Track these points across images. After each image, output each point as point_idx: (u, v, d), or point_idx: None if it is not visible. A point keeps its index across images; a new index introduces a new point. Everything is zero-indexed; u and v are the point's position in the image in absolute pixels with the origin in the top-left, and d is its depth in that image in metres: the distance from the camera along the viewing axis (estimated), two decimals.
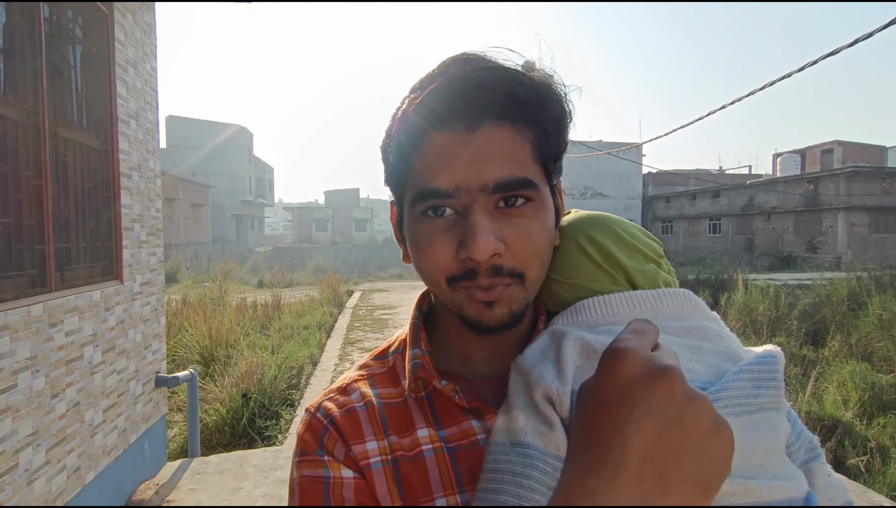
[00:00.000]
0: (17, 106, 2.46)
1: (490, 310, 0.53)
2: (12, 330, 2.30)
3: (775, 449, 0.47)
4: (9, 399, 2.27)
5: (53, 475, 2.58)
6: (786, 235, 27.03)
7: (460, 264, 0.52)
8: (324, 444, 0.56)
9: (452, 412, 0.57)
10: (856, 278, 9.52)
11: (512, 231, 0.52)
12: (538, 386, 0.49)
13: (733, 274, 11.58)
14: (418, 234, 0.54)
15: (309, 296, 12.67)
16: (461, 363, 0.61)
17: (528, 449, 0.47)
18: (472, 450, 0.54)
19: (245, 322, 8.42)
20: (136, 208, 3.67)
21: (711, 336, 0.52)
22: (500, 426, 0.51)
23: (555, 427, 0.47)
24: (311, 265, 22.79)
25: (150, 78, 3.96)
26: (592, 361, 0.49)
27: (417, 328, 0.63)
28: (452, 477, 0.54)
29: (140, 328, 3.68)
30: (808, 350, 7.13)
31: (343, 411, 0.59)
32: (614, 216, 0.62)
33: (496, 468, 0.48)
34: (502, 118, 0.51)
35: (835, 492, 0.53)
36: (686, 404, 0.34)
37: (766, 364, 0.49)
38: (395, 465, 0.55)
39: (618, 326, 0.52)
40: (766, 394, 0.48)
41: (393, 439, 0.56)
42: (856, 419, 5.00)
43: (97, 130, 3.24)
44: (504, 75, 0.52)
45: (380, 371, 0.64)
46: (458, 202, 0.52)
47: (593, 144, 30.18)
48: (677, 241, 34.15)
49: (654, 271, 0.58)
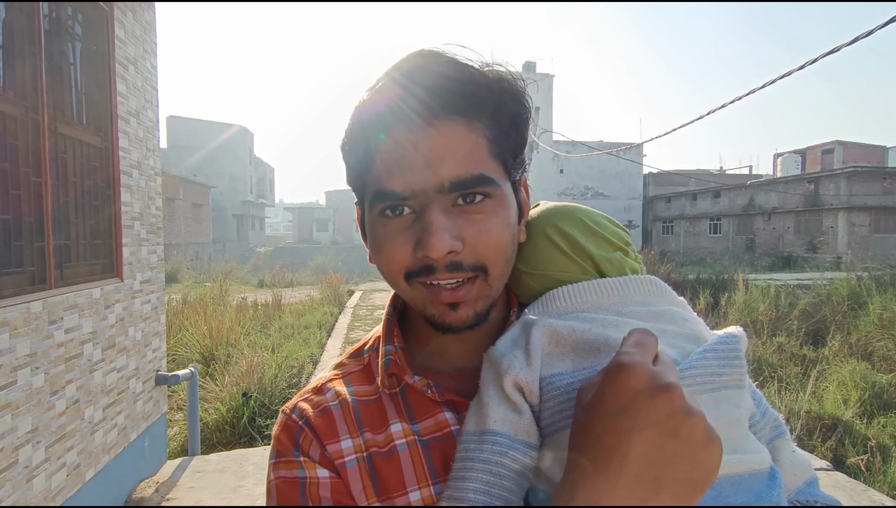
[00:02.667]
0: (16, 102, 2.47)
1: (454, 312, 0.53)
2: (12, 327, 2.30)
3: (737, 425, 0.48)
4: (8, 396, 2.27)
5: (53, 472, 2.58)
6: (786, 235, 27.01)
7: (417, 262, 0.52)
8: (299, 445, 0.57)
9: (426, 406, 0.58)
10: (856, 278, 9.51)
11: (471, 228, 0.52)
12: (507, 375, 0.50)
13: (734, 274, 11.58)
14: (377, 234, 0.55)
15: (309, 296, 12.67)
16: (437, 357, 0.62)
17: (497, 437, 0.48)
18: (446, 441, 0.55)
19: (245, 322, 8.42)
20: (136, 205, 3.67)
21: (677, 320, 0.54)
22: (471, 417, 0.52)
23: (524, 415, 0.49)
24: (312, 265, 22.79)
25: (150, 76, 3.96)
26: (561, 346, 0.51)
27: (391, 324, 0.64)
28: (426, 469, 0.54)
29: (140, 326, 3.68)
30: (808, 350, 7.13)
31: (318, 410, 0.59)
32: (582, 207, 0.63)
33: (466, 457, 0.49)
34: (456, 115, 0.51)
35: (799, 467, 0.56)
36: (683, 417, 0.37)
37: (728, 344, 0.51)
38: (370, 461, 0.55)
39: (587, 313, 0.54)
40: (729, 372, 0.49)
41: (367, 436, 0.57)
42: (856, 418, 5.00)
43: (97, 128, 3.24)
44: (457, 72, 0.52)
45: (355, 369, 0.64)
46: (416, 203, 0.52)
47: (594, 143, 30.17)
48: (678, 241, 34.13)
49: (621, 259, 0.59)
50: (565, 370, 0.49)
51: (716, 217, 31.56)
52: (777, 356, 6.80)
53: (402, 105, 0.52)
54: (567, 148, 31.41)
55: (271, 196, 51.24)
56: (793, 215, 26.67)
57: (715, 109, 6.08)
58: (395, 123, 0.52)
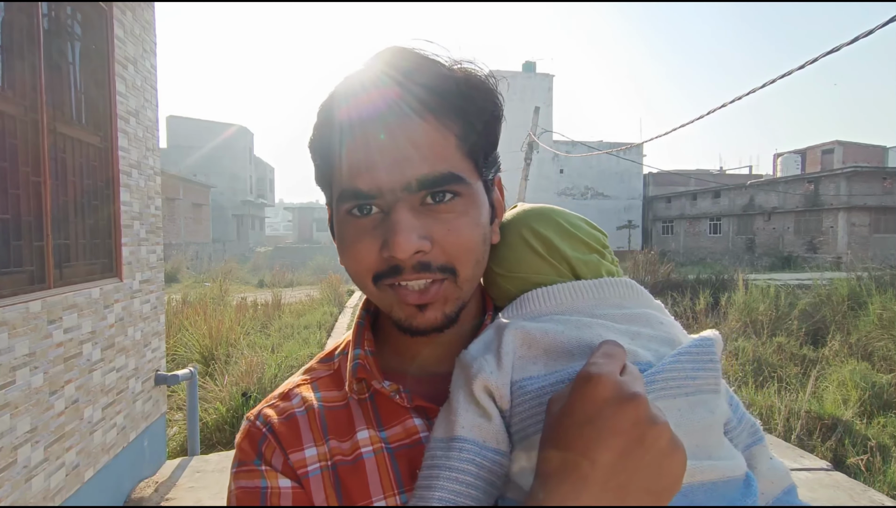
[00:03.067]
0: (15, 102, 2.46)
1: (422, 314, 0.52)
2: (11, 326, 2.29)
3: (711, 430, 0.48)
4: (7, 396, 2.27)
5: (52, 472, 2.58)
6: (786, 235, 27.02)
7: (384, 262, 0.51)
8: (262, 453, 0.56)
9: (395, 412, 0.56)
10: (856, 278, 9.52)
11: (439, 228, 0.51)
12: (477, 379, 0.49)
13: (734, 274, 11.59)
14: (344, 234, 0.54)
15: (309, 296, 12.67)
16: (409, 362, 0.60)
17: (465, 444, 0.47)
18: (414, 449, 0.54)
19: (245, 322, 8.42)
20: (135, 205, 3.66)
21: (653, 323, 0.53)
22: (440, 422, 0.50)
23: (493, 420, 0.48)
24: (312, 265, 22.79)
25: (149, 75, 3.96)
26: (533, 349, 0.50)
27: (362, 327, 0.62)
28: (392, 478, 0.53)
29: (140, 326, 3.68)
30: (808, 350, 7.13)
31: (283, 417, 0.58)
32: (558, 208, 0.62)
33: (433, 464, 0.47)
34: (424, 112, 0.50)
35: (777, 475, 0.55)
36: (648, 427, 0.38)
37: (703, 347, 0.50)
38: (334, 471, 0.54)
39: (561, 315, 0.53)
40: (704, 376, 0.49)
41: (333, 443, 0.56)
42: (856, 418, 5.00)
43: (96, 127, 3.24)
44: (425, 68, 0.51)
45: (324, 374, 0.63)
46: (383, 201, 0.51)
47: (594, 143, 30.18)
48: (678, 241, 34.14)
49: (597, 262, 0.58)
50: (537, 374, 0.48)
51: (716, 217, 31.56)
52: (777, 356, 6.80)
53: (369, 102, 0.51)
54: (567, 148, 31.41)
55: (271, 196, 51.24)
56: (793, 215, 26.68)
57: (715, 109, 6.08)
58: (362, 121, 0.51)
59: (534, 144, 13.95)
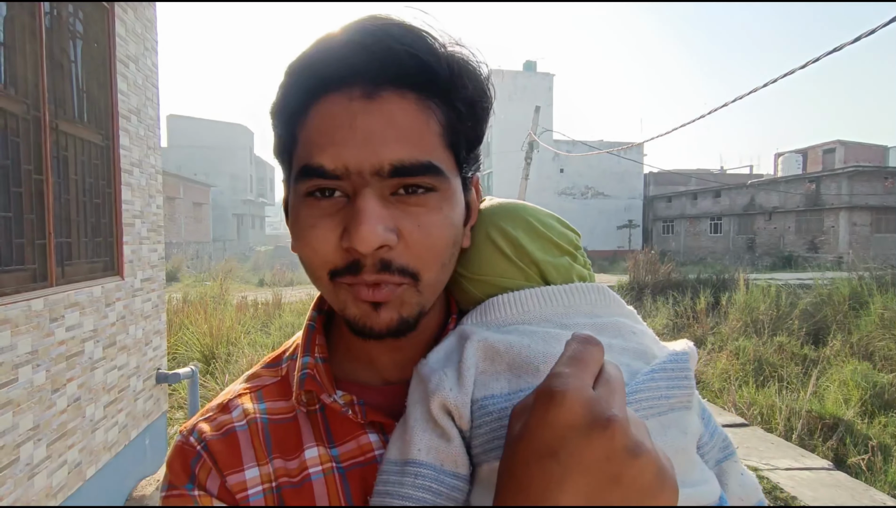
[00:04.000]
0: (17, 100, 2.46)
1: (376, 313, 0.46)
2: (13, 324, 2.30)
3: (684, 452, 0.44)
4: (10, 394, 2.27)
5: (54, 469, 2.58)
6: (787, 234, 27.00)
7: (343, 254, 0.45)
8: (195, 475, 0.49)
9: (348, 427, 0.51)
10: (857, 278, 9.51)
11: (408, 222, 0.45)
12: (435, 396, 0.45)
13: (735, 274, 11.58)
14: (300, 217, 0.47)
15: (310, 295, 12.67)
16: (366, 369, 0.54)
17: (421, 468, 0.43)
18: (368, 468, 0.49)
19: (246, 321, 8.43)
20: (137, 204, 3.67)
21: (625, 333, 0.50)
22: (394, 442, 0.46)
23: (452, 441, 0.44)
24: None
25: (151, 74, 3.96)
26: (496, 364, 0.46)
27: (313, 331, 0.55)
28: (342, 501, 0.48)
29: (141, 325, 3.68)
30: (809, 349, 7.13)
31: (220, 433, 0.51)
32: (529, 205, 0.58)
33: (386, 490, 0.44)
34: (407, 87, 0.44)
35: (747, 491, 0.52)
36: (627, 460, 0.31)
37: (678, 362, 0.47)
38: (279, 494, 0.49)
39: (528, 325, 0.49)
40: (677, 394, 0.45)
41: (277, 463, 0.50)
42: (857, 417, 5.00)
43: (98, 126, 3.24)
44: (413, 40, 0.44)
45: (270, 382, 0.56)
46: (348, 184, 0.44)
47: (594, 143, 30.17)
48: (678, 240, 34.12)
49: (568, 265, 0.54)
50: (500, 392, 0.44)
51: (716, 217, 31.54)
52: (778, 356, 6.80)
53: (345, 69, 0.43)
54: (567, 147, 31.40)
55: (272, 195, 51.27)
56: (794, 214, 26.66)
57: (716, 109, 6.08)
58: (334, 89, 0.44)
59: (534, 144, 13.94)
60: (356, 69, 0.43)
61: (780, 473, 3.80)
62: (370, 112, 0.43)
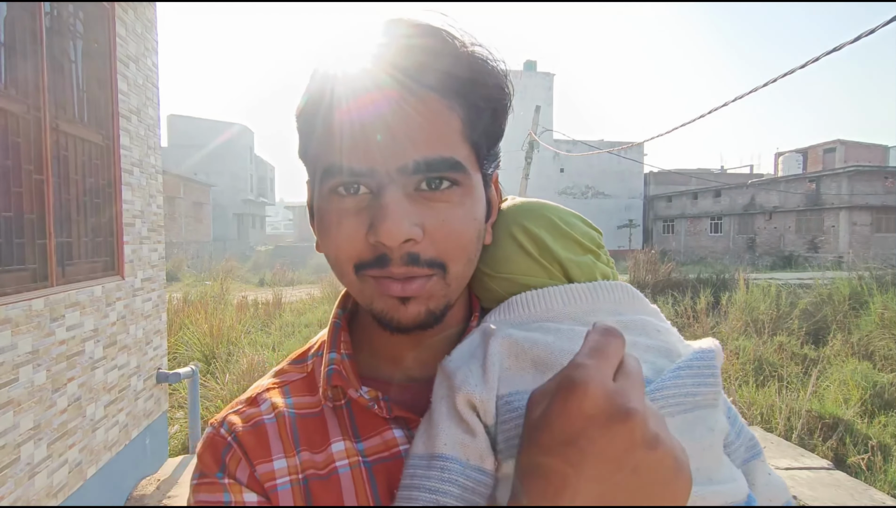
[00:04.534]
0: (18, 100, 2.47)
1: (404, 307, 0.47)
2: (14, 324, 2.30)
3: (711, 450, 0.44)
4: (10, 393, 2.28)
5: (55, 469, 2.59)
6: (787, 234, 26.99)
7: (370, 248, 0.46)
8: (225, 465, 0.50)
9: (374, 422, 0.52)
10: (857, 278, 9.51)
11: (432, 217, 0.46)
12: (461, 392, 0.45)
13: (735, 273, 11.58)
14: (326, 214, 0.48)
15: (310, 294, 12.68)
16: (390, 366, 0.56)
17: (447, 462, 0.43)
18: (393, 463, 0.50)
19: (246, 320, 8.44)
20: (137, 204, 3.67)
21: (649, 331, 0.50)
22: (420, 437, 0.47)
23: (478, 437, 0.44)
24: (313, 264, 22.78)
25: (151, 74, 3.97)
26: (521, 361, 0.46)
27: (338, 328, 0.57)
28: (369, 495, 0.49)
29: (141, 324, 3.68)
30: (809, 349, 7.13)
31: (249, 425, 0.53)
32: (551, 204, 0.58)
33: (412, 484, 0.44)
34: (430, 88, 0.46)
35: (774, 491, 0.52)
36: (645, 452, 0.32)
37: (704, 360, 0.47)
38: (306, 485, 0.50)
39: (552, 322, 0.49)
40: (704, 391, 0.45)
41: (304, 455, 0.51)
42: (857, 417, 5.00)
43: (98, 126, 3.24)
44: (436, 42, 0.46)
45: (296, 378, 0.58)
46: (374, 181, 0.46)
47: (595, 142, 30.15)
48: (679, 240, 34.12)
49: (592, 263, 0.54)
50: (524, 389, 0.44)
51: (717, 216, 31.54)
52: (778, 356, 6.80)
53: (370, 70, 0.45)
54: (568, 147, 31.41)
55: (272, 195, 51.27)
56: (794, 214, 26.65)
57: (716, 108, 6.07)
58: (360, 90, 0.45)
59: (534, 143, 13.93)
60: (380, 70, 0.45)
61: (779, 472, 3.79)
62: (395, 112, 0.45)
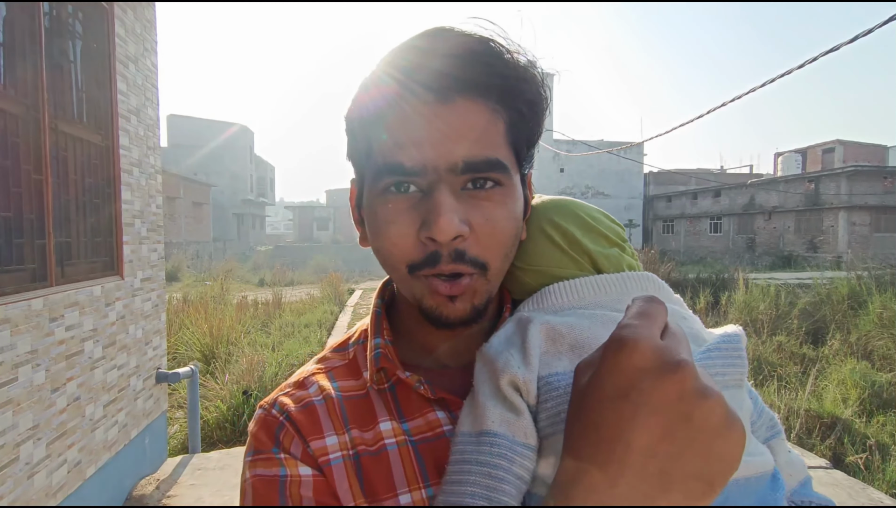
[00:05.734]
0: (17, 100, 2.47)
1: (452, 304, 0.50)
2: (13, 324, 2.30)
3: None
4: (9, 393, 2.28)
5: (54, 469, 2.59)
6: (787, 234, 27.00)
7: (421, 247, 0.49)
8: (279, 441, 0.53)
9: (417, 404, 0.55)
10: (856, 277, 9.51)
11: (478, 215, 0.49)
12: (504, 374, 0.48)
13: (734, 273, 11.58)
14: (378, 212, 0.51)
15: (310, 295, 12.68)
16: (425, 354, 0.59)
17: (495, 438, 0.46)
18: (438, 442, 0.52)
19: (246, 320, 8.44)
20: (136, 204, 3.67)
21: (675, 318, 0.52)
22: (466, 417, 0.49)
23: (522, 415, 0.47)
24: (313, 264, 22.79)
25: (150, 74, 3.97)
26: (558, 345, 0.49)
27: (380, 317, 0.60)
28: (417, 471, 0.51)
29: (141, 324, 3.69)
30: (808, 349, 7.13)
31: (300, 406, 0.55)
32: (578, 201, 0.61)
33: (463, 458, 0.46)
34: (477, 94, 0.49)
35: (794, 468, 0.56)
36: (697, 401, 0.32)
37: (731, 343, 0.50)
38: (357, 460, 0.52)
39: (584, 309, 0.52)
40: (731, 372, 0.48)
41: (354, 433, 0.53)
42: (855, 416, 5.00)
43: (98, 126, 3.24)
44: (484, 48, 0.49)
45: (339, 364, 0.61)
46: (424, 180, 0.49)
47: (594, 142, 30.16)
48: (678, 240, 34.12)
49: (618, 255, 0.57)
50: (563, 370, 0.47)
51: (716, 216, 31.54)
52: (777, 355, 6.81)
53: (420, 76, 0.48)
54: (567, 147, 31.42)
55: (272, 195, 51.26)
56: (793, 214, 26.66)
57: (715, 108, 6.07)
58: (412, 94, 0.48)
59: None
60: (431, 76, 0.48)
61: None
62: (444, 115, 0.48)
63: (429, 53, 0.48)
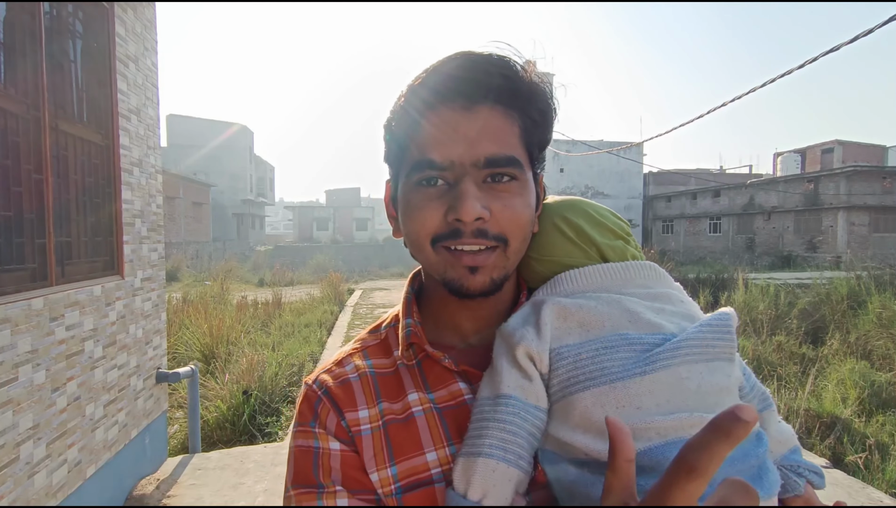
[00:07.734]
0: (17, 100, 2.47)
1: (472, 276, 0.57)
2: (13, 323, 2.30)
3: (729, 392, 0.54)
4: (10, 393, 2.28)
5: (54, 468, 2.59)
6: (786, 234, 27.01)
7: (446, 225, 0.57)
8: (318, 415, 0.62)
9: (441, 376, 0.63)
10: (855, 277, 9.51)
11: (497, 203, 0.57)
12: (520, 345, 0.55)
13: (734, 273, 11.59)
14: (411, 201, 0.59)
15: (310, 295, 12.68)
16: (451, 333, 0.67)
17: (510, 400, 0.53)
18: (460, 409, 0.60)
19: (246, 320, 8.43)
20: (137, 203, 3.67)
21: (674, 301, 0.59)
22: (485, 385, 0.57)
23: (534, 381, 0.54)
24: (312, 264, 22.78)
25: (150, 74, 3.97)
26: (569, 322, 0.56)
27: (410, 301, 0.68)
28: (442, 433, 0.59)
29: (141, 324, 3.69)
30: (807, 349, 7.13)
31: (338, 382, 0.64)
32: (586, 200, 0.68)
33: (482, 417, 0.54)
34: (496, 101, 0.57)
35: (784, 436, 0.63)
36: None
37: (721, 320, 0.56)
38: (385, 429, 0.60)
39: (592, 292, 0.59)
40: (721, 345, 0.54)
41: (385, 405, 0.62)
42: (855, 416, 5.01)
43: (98, 125, 3.24)
44: (502, 63, 0.58)
45: (373, 343, 0.70)
46: (451, 174, 0.57)
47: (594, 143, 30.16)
48: (678, 240, 34.12)
49: (623, 247, 0.64)
50: (572, 342, 0.54)
51: (716, 216, 31.54)
52: (776, 355, 6.81)
53: (448, 88, 0.57)
54: (567, 147, 31.40)
55: (271, 195, 51.22)
56: (792, 214, 26.66)
57: (715, 108, 6.08)
58: (443, 104, 0.57)
59: None
60: (460, 88, 0.57)
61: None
62: (469, 119, 0.57)
63: (458, 69, 0.57)
